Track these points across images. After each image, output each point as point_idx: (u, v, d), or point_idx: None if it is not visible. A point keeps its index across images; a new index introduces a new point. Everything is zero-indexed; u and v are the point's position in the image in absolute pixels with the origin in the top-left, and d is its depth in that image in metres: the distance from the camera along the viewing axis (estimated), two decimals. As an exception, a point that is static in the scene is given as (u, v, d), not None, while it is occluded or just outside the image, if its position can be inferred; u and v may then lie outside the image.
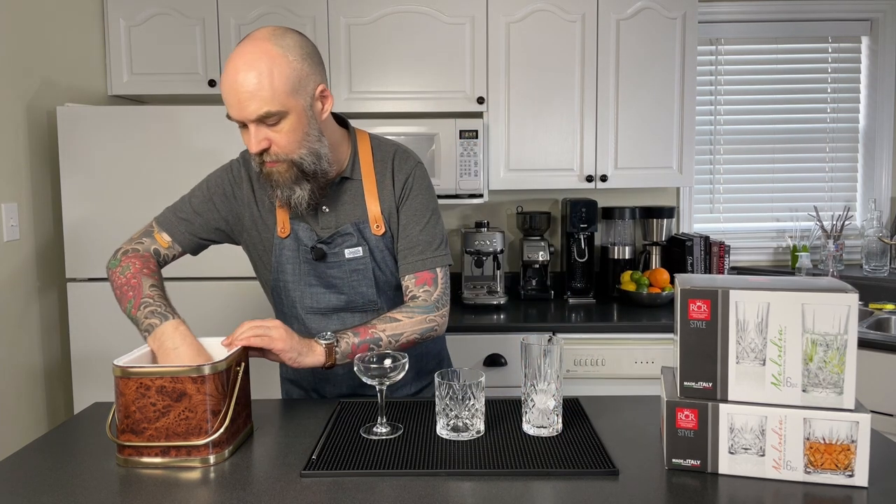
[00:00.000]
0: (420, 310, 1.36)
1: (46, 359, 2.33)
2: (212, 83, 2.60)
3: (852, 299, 0.97)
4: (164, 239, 1.39)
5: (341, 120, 1.41)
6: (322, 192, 1.32)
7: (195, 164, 2.23)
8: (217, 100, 2.73)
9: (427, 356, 1.53)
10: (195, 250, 1.45)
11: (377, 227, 1.37)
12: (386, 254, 1.39)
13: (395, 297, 1.44)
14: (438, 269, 1.39)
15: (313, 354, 1.24)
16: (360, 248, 1.36)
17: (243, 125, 1.23)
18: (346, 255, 1.36)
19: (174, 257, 1.42)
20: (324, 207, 1.37)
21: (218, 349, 1.22)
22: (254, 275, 2.24)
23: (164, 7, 2.59)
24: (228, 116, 1.23)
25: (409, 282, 1.38)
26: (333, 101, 1.30)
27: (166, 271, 2.24)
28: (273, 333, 1.20)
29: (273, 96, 1.18)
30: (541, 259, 2.74)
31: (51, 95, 2.35)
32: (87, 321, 2.28)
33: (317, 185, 1.30)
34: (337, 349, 1.26)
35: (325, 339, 1.25)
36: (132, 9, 2.59)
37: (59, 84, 2.39)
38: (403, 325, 1.33)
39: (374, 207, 1.37)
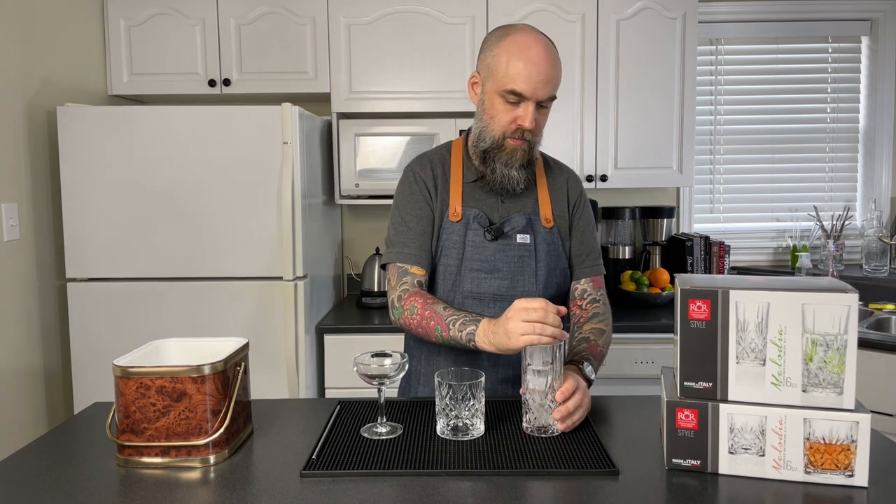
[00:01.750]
0: (610, 319, 1.50)
1: (46, 359, 2.33)
2: (212, 83, 2.60)
3: (852, 299, 0.97)
4: (419, 269, 1.44)
5: None
6: (524, 184, 1.43)
7: (195, 164, 2.23)
8: (217, 100, 2.73)
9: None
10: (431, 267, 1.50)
11: (546, 220, 1.47)
12: (550, 247, 1.47)
13: (550, 291, 1.47)
14: (602, 276, 1.56)
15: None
16: (528, 236, 1.45)
17: (514, 102, 1.34)
18: (517, 240, 1.44)
19: (427, 283, 1.46)
20: (501, 198, 1.47)
21: (215, 347, 1.22)
22: (255, 275, 2.27)
23: (164, 7, 2.59)
24: (512, 92, 1.32)
25: (586, 284, 1.51)
26: None
27: (168, 270, 2.25)
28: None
29: (557, 84, 1.37)
30: (541, 259, 2.74)
31: (51, 95, 2.35)
32: (87, 321, 2.28)
33: (530, 174, 1.44)
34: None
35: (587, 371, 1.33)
36: (132, 9, 2.59)
37: (59, 84, 2.39)
38: (607, 335, 1.45)
39: (545, 204, 1.49)
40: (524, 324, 1.14)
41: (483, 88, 1.40)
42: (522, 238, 1.44)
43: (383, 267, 1.49)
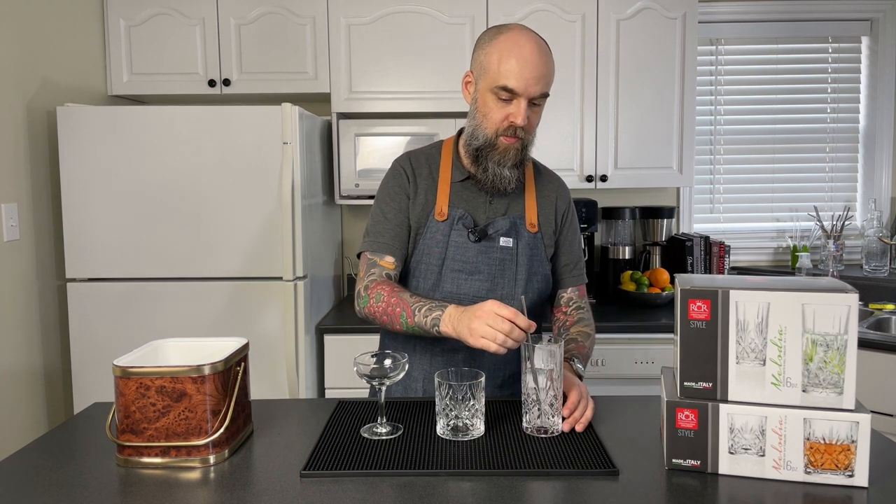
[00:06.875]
0: (593, 324, 1.55)
1: (46, 359, 2.33)
2: (212, 83, 2.60)
3: (852, 299, 0.97)
4: (389, 261, 1.44)
5: None
6: (515, 184, 1.44)
7: (195, 164, 2.23)
8: (217, 100, 2.73)
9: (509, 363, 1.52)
10: (405, 260, 1.50)
11: (531, 225, 1.48)
12: (533, 252, 1.47)
13: (530, 296, 1.47)
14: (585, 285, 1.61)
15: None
16: (511, 239, 1.45)
17: (506, 99, 1.34)
18: (500, 243, 1.44)
19: (398, 276, 1.47)
20: (489, 199, 1.46)
21: (215, 347, 1.22)
22: (255, 275, 2.27)
23: (164, 7, 2.59)
24: (504, 88, 1.32)
25: (572, 293, 1.55)
26: None
27: (168, 270, 2.25)
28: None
29: (550, 82, 1.37)
30: (541, 259, 2.74)
31: (51, 95, 2.35)
32: (87, 321, 2.28)
33: (521, 174, 1.44)
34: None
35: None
36: (132, 9, 2.59)
37: (59, 84, 2.39)
38: (592, 339, 1.50)
39: (531, 209, 1.49)
40: (488, 328, 1.16)
41: (476, 87, 1.40)
42: (505, 241, 1.44)
43: (358, 256, 1.50)
